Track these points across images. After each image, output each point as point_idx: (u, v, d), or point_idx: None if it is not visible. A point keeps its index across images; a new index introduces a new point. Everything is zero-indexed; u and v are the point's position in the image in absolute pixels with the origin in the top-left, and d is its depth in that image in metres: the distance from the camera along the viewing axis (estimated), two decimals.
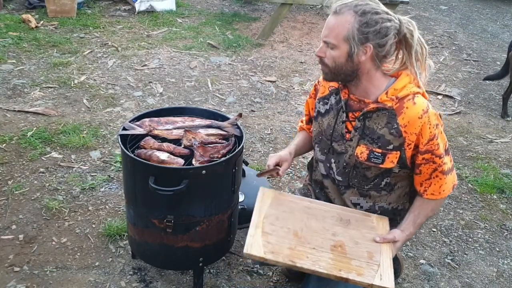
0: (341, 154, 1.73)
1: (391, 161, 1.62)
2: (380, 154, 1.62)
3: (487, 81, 4.65)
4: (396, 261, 2.14)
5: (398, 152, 1.61)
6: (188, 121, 2.03)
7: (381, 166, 1.64)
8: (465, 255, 2.44)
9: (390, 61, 1.63)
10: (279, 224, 1.71)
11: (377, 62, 1.57)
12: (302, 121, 2.05)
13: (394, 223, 1.77)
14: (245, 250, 1.60)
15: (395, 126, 1.58)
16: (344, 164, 1.72)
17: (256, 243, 1.62)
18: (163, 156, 1.77)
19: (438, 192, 1.67)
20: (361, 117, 1.64)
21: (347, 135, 1.69)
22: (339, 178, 1.77)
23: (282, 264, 1.59)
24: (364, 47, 1.52)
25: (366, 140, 1.64)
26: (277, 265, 1.68)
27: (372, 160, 1.64)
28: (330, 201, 1.86)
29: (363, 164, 1.67)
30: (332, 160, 1.77)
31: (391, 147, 1.61)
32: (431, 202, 1.70)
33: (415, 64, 1.58)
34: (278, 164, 1.85)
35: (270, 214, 1.75)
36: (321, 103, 1.81)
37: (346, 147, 1.70)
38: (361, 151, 1.65)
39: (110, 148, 3.04)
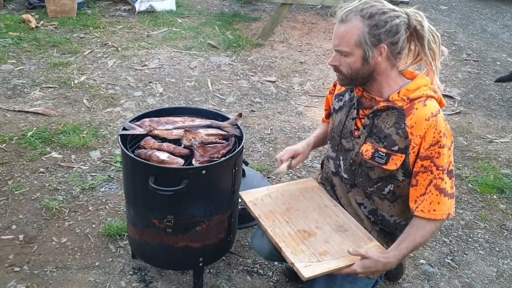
0: (348, 151, 1.72)
1: (395, 163, 1.59)
2: (384, 154, 1.60)
3: (493, 83, 4.66)
4: (399, 265, 2.14)
5: (403, 156, 1.58)
6: (188, 121, 2.03)
7: (384, 167, 1.61)
8: (465, 255, 2.44)
9: (404, 56, 1.61)
10: (287, 198, 1.89)
11: (392, 60, 1.56)
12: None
13: (394, 238, 1.76)
14: (240, 192, 1.89)
15: (403, 126, 1.56)
16: (351, 161, 1.71)
17: (254, 194, 1.89)
18: (163, 156, 1.77)
19: (428, 210, 1.56)
20: (370, 115, 1.63)
21: (356, 132, 1.69)
22: (346, 176, 1.77)
23: (252, 214, 1.80)
24: (378, 49, 1.51)
25: (373, 139, 1.63)
26: (250, 213, 1.82)
27: (375, 160, 1.62)
28: (338, 199, 1.86)
29: (367, 163, 1.65)
30: (341, 157, 1.77)
31: (396, 148, 1.58)
32: (420, 226, 1.58)
33: (429, 54, 1.56)
34: (292, 157, 1.89)
35: (291, 190, 1.94)
36: (336, 99, 1.82)
37: (354, 144, 1.69)
38: (366, 149, 1.64)
39: (110, 148, 3.04)
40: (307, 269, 1.56)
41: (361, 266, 1.56)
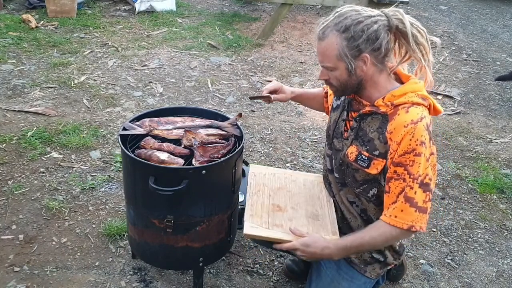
0: (338, 151, 1.75)
1: (376, 167, 1.60)
2: (366, 158, 1.61)
3: (493, 82, 4.66)
4: (400, 267, 2.15)
5: (384, 161, 1.57)
6: (188, 121, 2.03)
7: (366, 170, 1.62)
8: (465, 255, 2.44)
9: (395, 55, 1.60)
10: (287, 181, 1.98)
11: (379, 65, 1.55)
12: None
13: None
14: (251, 164, 2.07)
15: (383, 132, 1.56)
16: (340, 161, 1.74)
17: (261, 169, 2.04)
18: (163, 156, 1.77)
19: (390, 215, 1.55)
20: (357, 118, 1.65)
21: (345, 134, 1.71)
22: (336, 175, 1.79)
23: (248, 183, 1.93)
24: (361, 59, 1.51)
25: (358, 141, 1.65)
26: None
27: (359, 163, 1.64)
28: (334, 197, 1.88)
29: (352, 165, 1.67)
30: (333, 156, 1.80)
31: (377, 153, 1.59)
32: (376, 226, 1.58)
33: (417, 50, 1.54)
34: (274, 92, 1.92)
35: (297, 177, 2.03)
36: (335, 98, 1.84)
37: (343, 145, 1.72)
38: (351, 151, 1.66)
39: (110, 148, 3.04)
40: (251, 229, 1.66)
41: (300, 243, 1.60)
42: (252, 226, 1.67)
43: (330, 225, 1.75)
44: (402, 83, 1.63)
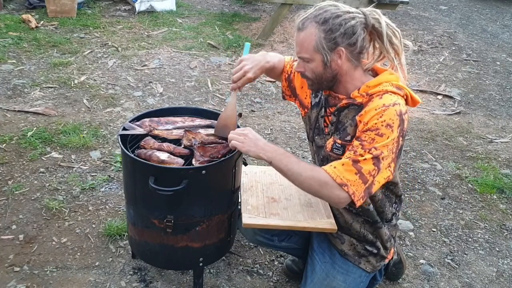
0: (320, 148, 1.77)
1: None
2: (340, 145, 1.63)
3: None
4: (399, 264, 2.15)
5: None
6: (188, 121, 2.03)
7: (341, 157, 1.62)
8: (465, 255, 2.44)
9: (368, 55, 1.63)
10: (278, 177, 1.96)
11: (354, 61, 1.58)
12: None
13: (378, 226, 1.78)
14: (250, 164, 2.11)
15: (356, 117, 1.58)
16: (321, 157, 1.76)
17: (253, 168, 2.12)
18: (163, 156, 1.77)
19: (331, 165, 1.52)
20: (335, 112, 1.67)
21: (326, 130, 1.74)
22: None
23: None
24: (336, 52, 1.54)
25: (336, 134, 1.67)
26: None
27: (334, 151, 1.65)
28: None
29: (330, 156, 1.68)
30: (316, 153, 1.82)
31: (349, 138, 1.60)
32: (316, 168, 1.57)
33: (391, 50, 1.57)
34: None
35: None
36: (313, 95, 1.85)
37: (325, 141, 1.74)
38: (329, 143, 1.69)
39: (110, 148, 3.04)
40: (249, 219, 1.72)
41: (233, 132, 1.66)
42: (250, 217, 1.75)
43: (323, 210, 1.83)
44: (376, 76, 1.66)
